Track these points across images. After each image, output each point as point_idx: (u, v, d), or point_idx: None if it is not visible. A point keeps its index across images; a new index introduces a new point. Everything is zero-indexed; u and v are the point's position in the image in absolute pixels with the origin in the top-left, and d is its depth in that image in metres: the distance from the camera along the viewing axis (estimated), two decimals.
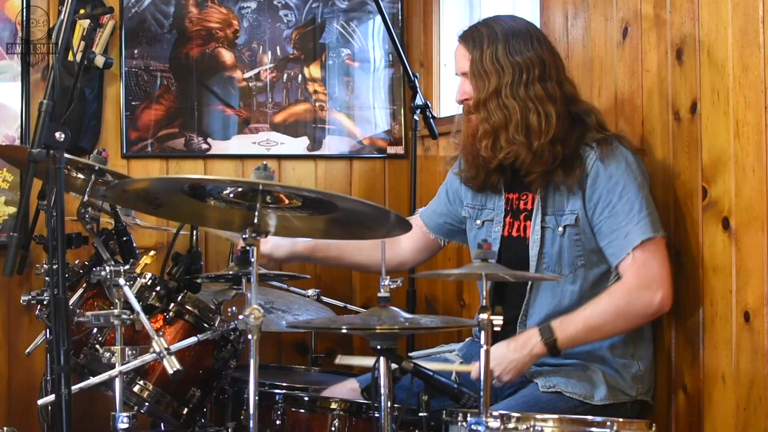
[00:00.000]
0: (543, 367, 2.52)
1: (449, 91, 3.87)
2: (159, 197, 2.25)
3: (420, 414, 2.10)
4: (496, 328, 1.96)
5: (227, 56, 3.98)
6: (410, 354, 2.78)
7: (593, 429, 2.04)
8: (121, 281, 2.36)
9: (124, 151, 3.89)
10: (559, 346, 2.43)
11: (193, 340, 2.55)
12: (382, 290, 2.10)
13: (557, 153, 2.49)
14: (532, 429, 2.02)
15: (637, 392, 2.52)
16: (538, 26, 3.15)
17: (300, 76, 4.02)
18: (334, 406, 2.41)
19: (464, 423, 2.04)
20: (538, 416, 2.04)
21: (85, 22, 3.49)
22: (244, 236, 2.09)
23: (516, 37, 2.54)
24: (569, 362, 2.52)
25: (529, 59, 2.52)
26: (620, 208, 2.45)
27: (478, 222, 2.73)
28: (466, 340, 2.80)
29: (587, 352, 2.52)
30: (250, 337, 2.00)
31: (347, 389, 2.65)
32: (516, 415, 2.03)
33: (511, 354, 2.43)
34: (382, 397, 2.05)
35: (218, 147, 3.96)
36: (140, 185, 2.29)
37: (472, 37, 2.59)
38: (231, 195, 2.11)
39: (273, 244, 2.90)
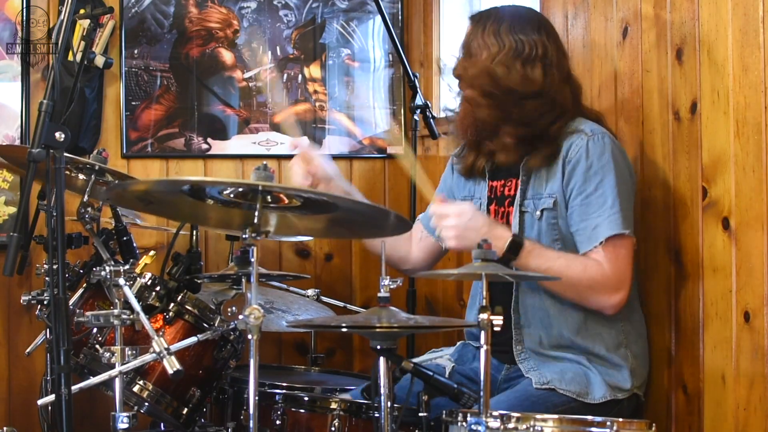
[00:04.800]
0: (537, 361, 2.51)
1: (449, 91, 3.86)
2: (157, 196, 2.24)
3: (420, 414, 2.10)
4: (496, 329, 1.96)
5: (227, 56, 3.98)
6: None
7: (593, 429, 2.03)
8: (121, 281, 2.36)
9: (124, 151, 3.89)
10: (511, 265, 2.41)
11: (193, 340, 2.55)
12: (381, 290, 2.10)
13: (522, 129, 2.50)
14: (532, 429, 2.01)
15: (632, 385, 2.50)
16: None
17: (300, 76, 4.02)
18: (334, 406, 2.41)
19: (464, 423, 2.04)
20: (538, 416, 2.03)
21: (85, 22, 3.48)
22: (244, 236, 2.09)
23: (522, 20, 2.55)
24: (563, 355, 2.51)
25: (533, 41, 2.52)
26: (594, 199, 2.45)
27: None
28: (458, 343, 2.78)
29: (583, 348, 2.50)
30: (250, 337, 2.00)
31: None
32: (516, 415, 2.02)
33: (475, 232, 2.39)
34: (382, 397, 2.05)
35: (218, 147, 3.96)
36: (141, 187, 2.29)
37: (479, 16, 2.61)
38: (231, 195, 2.11)
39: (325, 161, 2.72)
